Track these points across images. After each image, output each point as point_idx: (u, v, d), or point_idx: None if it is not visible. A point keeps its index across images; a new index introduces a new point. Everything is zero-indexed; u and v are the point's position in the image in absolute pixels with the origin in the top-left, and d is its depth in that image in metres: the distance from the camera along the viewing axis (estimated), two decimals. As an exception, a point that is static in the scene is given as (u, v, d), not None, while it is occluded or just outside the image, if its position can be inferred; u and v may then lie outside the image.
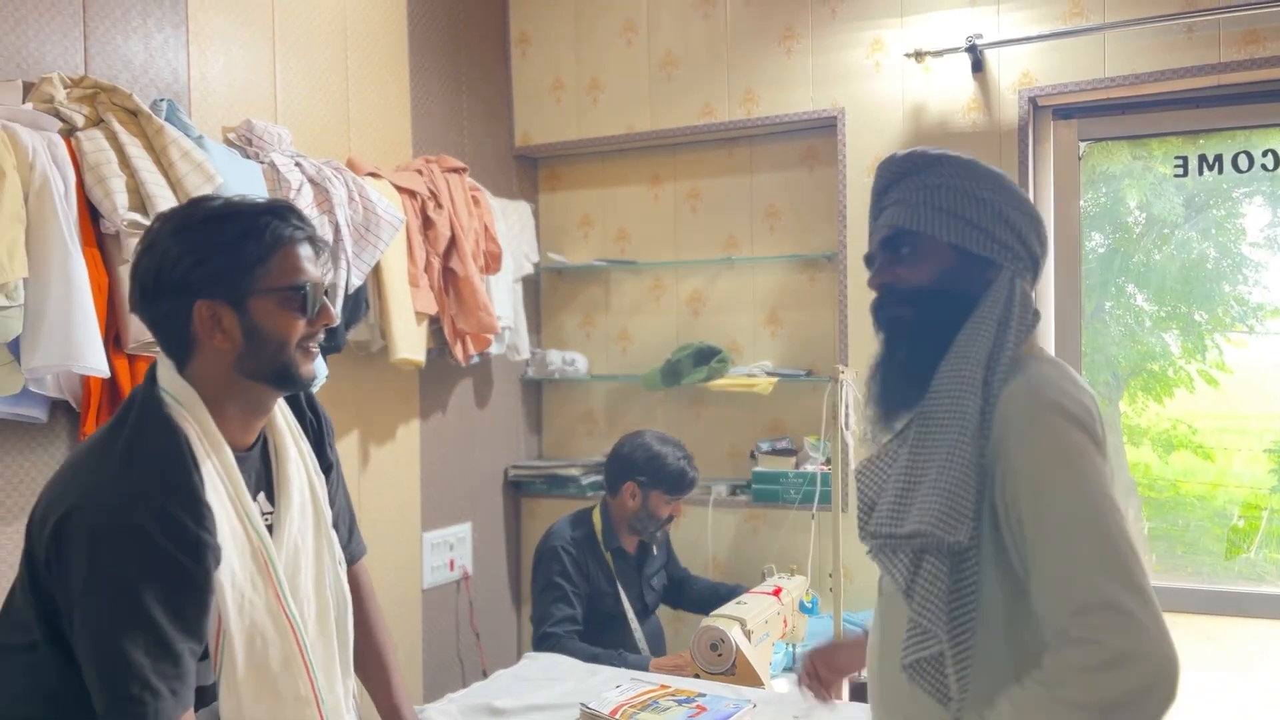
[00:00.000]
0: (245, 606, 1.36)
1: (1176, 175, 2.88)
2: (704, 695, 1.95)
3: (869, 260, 1.43)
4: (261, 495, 1.46)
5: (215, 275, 1.34)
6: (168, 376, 1.38)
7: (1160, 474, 3.29)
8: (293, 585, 1.45)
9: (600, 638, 2.69)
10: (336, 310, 1.40)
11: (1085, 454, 1.23)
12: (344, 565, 1.59)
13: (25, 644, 1.32)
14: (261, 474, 1.48)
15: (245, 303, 1.35)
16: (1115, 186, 3.03)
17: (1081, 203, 2.98)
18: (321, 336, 1.43)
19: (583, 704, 1.87)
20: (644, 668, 2.47)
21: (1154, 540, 3.28)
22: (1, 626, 1.38)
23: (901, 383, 1.36)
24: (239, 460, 1.41)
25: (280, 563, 1.43)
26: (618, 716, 1.83)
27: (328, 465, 1.61)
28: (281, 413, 1.53)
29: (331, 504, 1.60)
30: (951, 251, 1.35)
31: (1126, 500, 2.94)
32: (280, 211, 1.39)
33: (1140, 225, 3.08)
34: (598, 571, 2.80)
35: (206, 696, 1.37)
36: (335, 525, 1.59)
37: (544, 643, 2.60)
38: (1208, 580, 3.00)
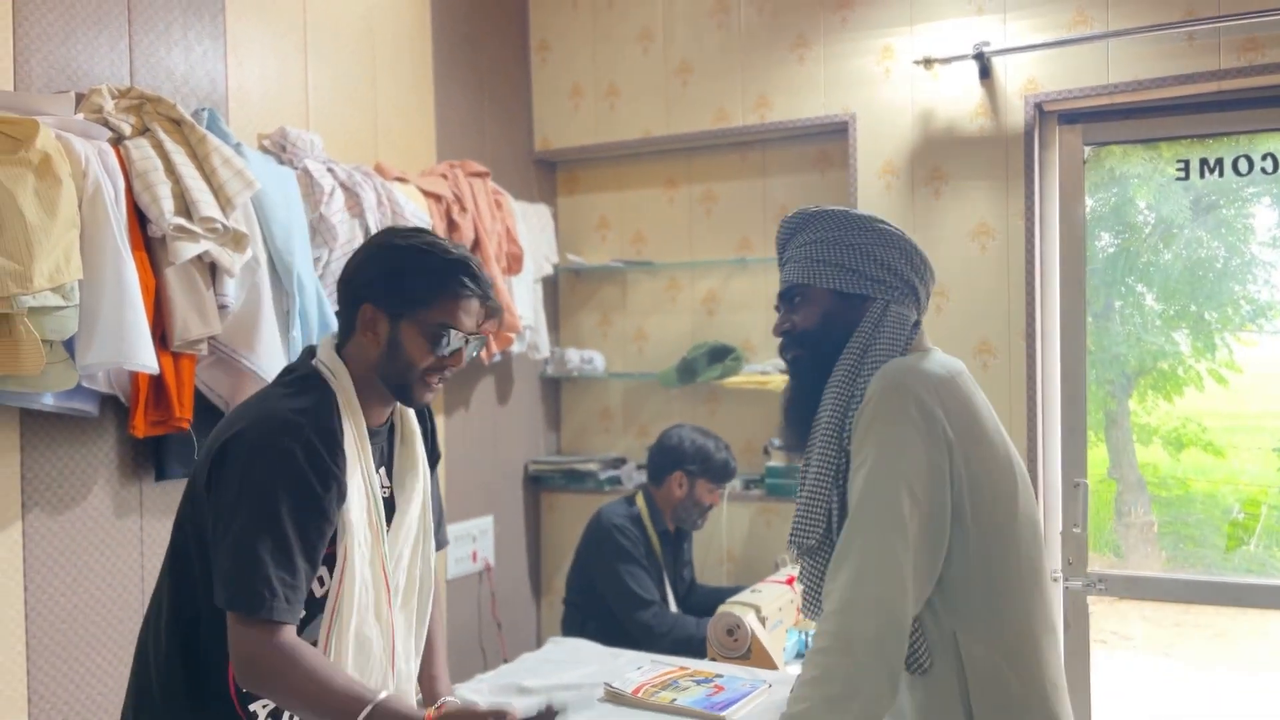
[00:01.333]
0: (360, 555, 1.55)
1: (1178, 178, 2.96)
2: (721, 676, 2.04)
3: (776, 308, 1.72)
4: (383, 470, 1.66)
5: (388, 291, 1.58)
6: (326, 351, 1.62)
7: (1170, 472, 3.35)
8: (395, 556, 1.65)
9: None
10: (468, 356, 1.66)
11: (900, 437, 1.47)
12: (435, 553, 1.78)
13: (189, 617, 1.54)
14: (386, 452, 1.69)
15: (399, 321, 1.58)
16: (1125, 187, 3.11)
17: (1091, 202, 3.06)
18: (447, 375, 1.63)
19: (606, 683, 1.97)
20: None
21: (1164, 536, 3.35)
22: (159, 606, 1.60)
23: (805, 411, 1.64)
24: (370, 434, 1.62)
25: (388, 533, 1.63)
26: (640, 694, 1.93)
27: (435, 458, 1.82)
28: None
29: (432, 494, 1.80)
30: (831, 295, 1.63)
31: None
32: (467, 268, 1.59)
33: (1149, 225, 3.15)
34: (648, 553, 2.97)
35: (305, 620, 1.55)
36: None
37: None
38: (1210, 572, 3.08)
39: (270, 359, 2.35)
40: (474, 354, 1.65)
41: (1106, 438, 3.40)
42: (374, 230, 2.65)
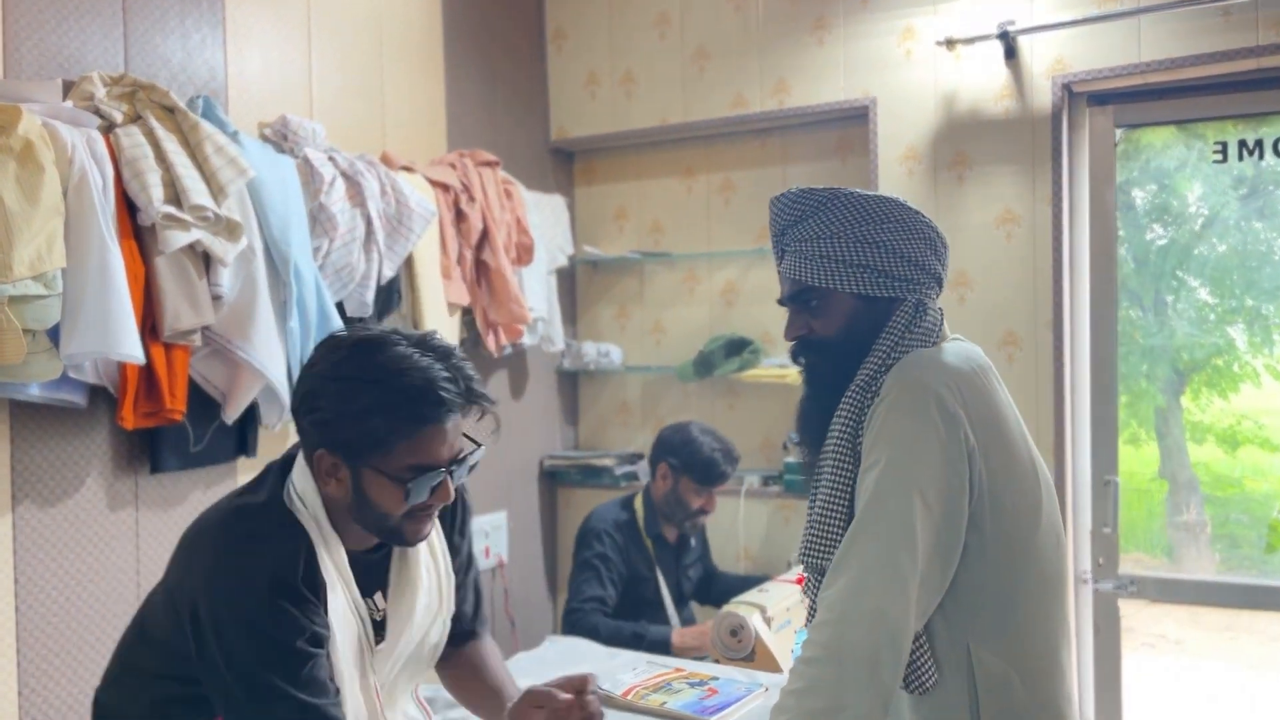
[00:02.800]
0: (349, 686, 1.44)
1: (1215, 161, 2.82)
2: (717, 679, 1.97)
3: (782, 303, 1.58)
4: (378, 595, 1.51)
5: (340, 438, 1.35)
6: (301, 475, 1.42)
7: (1225, 471, 3.21)
8: (388, 673, 1.55)
9: (638, 622, 2.72)
10: (453, 488, 1.42)
11: (917, 439, 1.35)
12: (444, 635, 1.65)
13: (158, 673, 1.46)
14: (381, 574, 1.52)
15: (359, 470, 1.36)
16: (1169, 175, 2.97)
17: (1138, 194, 2.92)
18: (436, 509, 1.42)
19: (596, 685, 1.90)
20: (667, 638, 2.52)
21: (1217, 538, 3.20)
22: (137, 647, 1.52)
23: (822, 423, 1.49)
24: (360, 558, 1.47)
25: (375, 657, 1.50)
26: (630, 697, 1.86)
27: (453, 548, 1.64)
28: None
29: (459, 589, 1.65)
30: (856, 300, 1.47)
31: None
32: (431, 391, 1.32)
33: (1201, 218, 3.01)
34: (638, 556, 2.85)
35: None
36: (460, 608, 1.66)
37: (568, 618, 2.66)
38: (1255, 575, 2.93)
39: (267, 350, 2.31)
40: (469, 473, 1.43)
41: (1157, 436, 3.26)
42: (377, 219, 2.61)
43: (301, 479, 1.42)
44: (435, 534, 1.59)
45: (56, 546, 2.13)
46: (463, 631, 1.70)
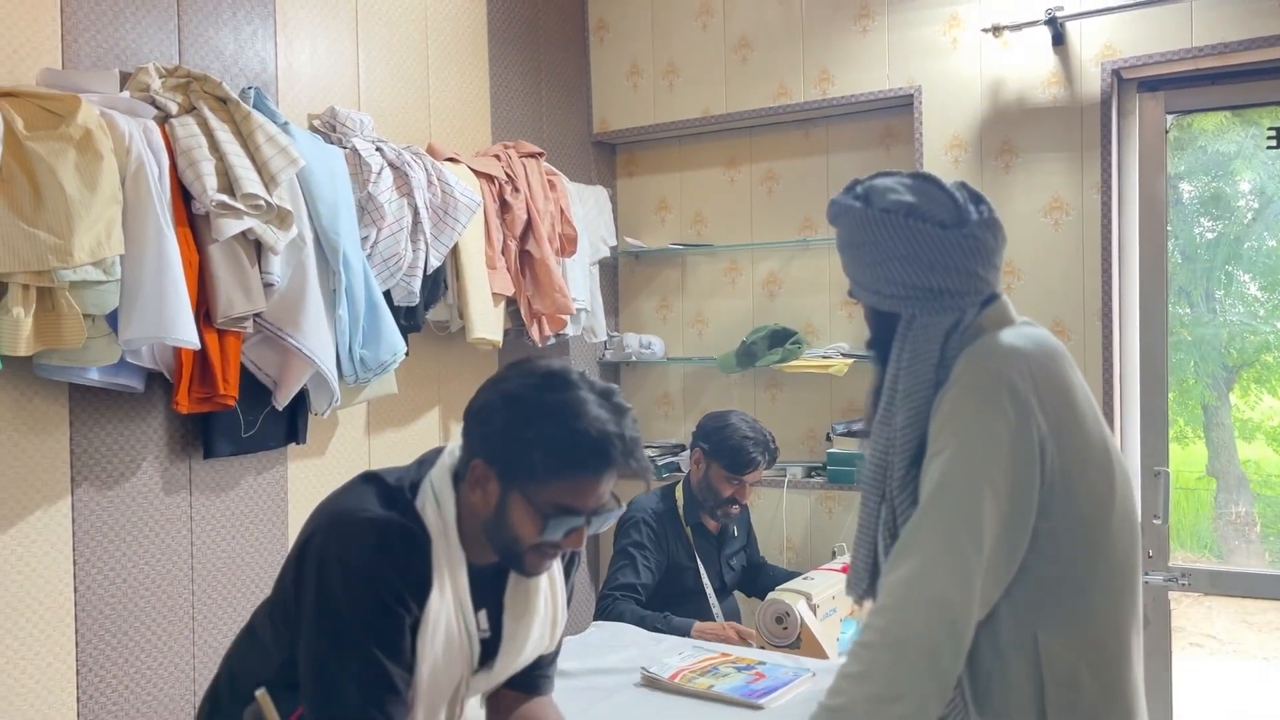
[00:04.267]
0: (429, 696, 1.42)
1: (1269, 147, 2.77)
2: (764, 664, 1.97)
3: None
4: (483, 613, 1.48)
5: (501, 455, 1.37)
6: (443, 478, 1.44)
7: (1275, 469, 3.16)
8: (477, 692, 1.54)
9: (679, 612, 2.72)
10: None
11: (987, 428, 1.33)
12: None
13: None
14: (495, 592, 1.50)
15: (510, 489, 1.37)
16: (1222, 166, 2.92)
17: (1188, 187, 2.88)
18: (563, 551, 1.43)
19: (643, 668, 1.91)
20: (687, 630, 2.52)
21: (1267, 535, 3.15)
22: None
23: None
24: (476, 572, 1.45)
25: (477, 679, 1.50)
26: (677, 680, 1.86)
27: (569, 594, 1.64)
28: None
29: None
30: (869, 310, 1.50)
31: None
32: (606, 450, 1.34)
33: (1252, 210, 2.96)
34: (677, 545, 2.85)
35: None
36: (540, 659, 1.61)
37: (599, 605, 2.68)
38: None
39: (316, 338, 2.34)
40: (604, 526, 1.43)
41: (1205, 433, 3.21)
42: (424, 209, 2.63)
43: (441, 482, 1.43)
44: (558, 568, 1.58)
45: (114, 529, 2.18)
46: (533, 678, 1.62)
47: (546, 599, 1.54)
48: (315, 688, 1.35)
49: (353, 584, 1.34)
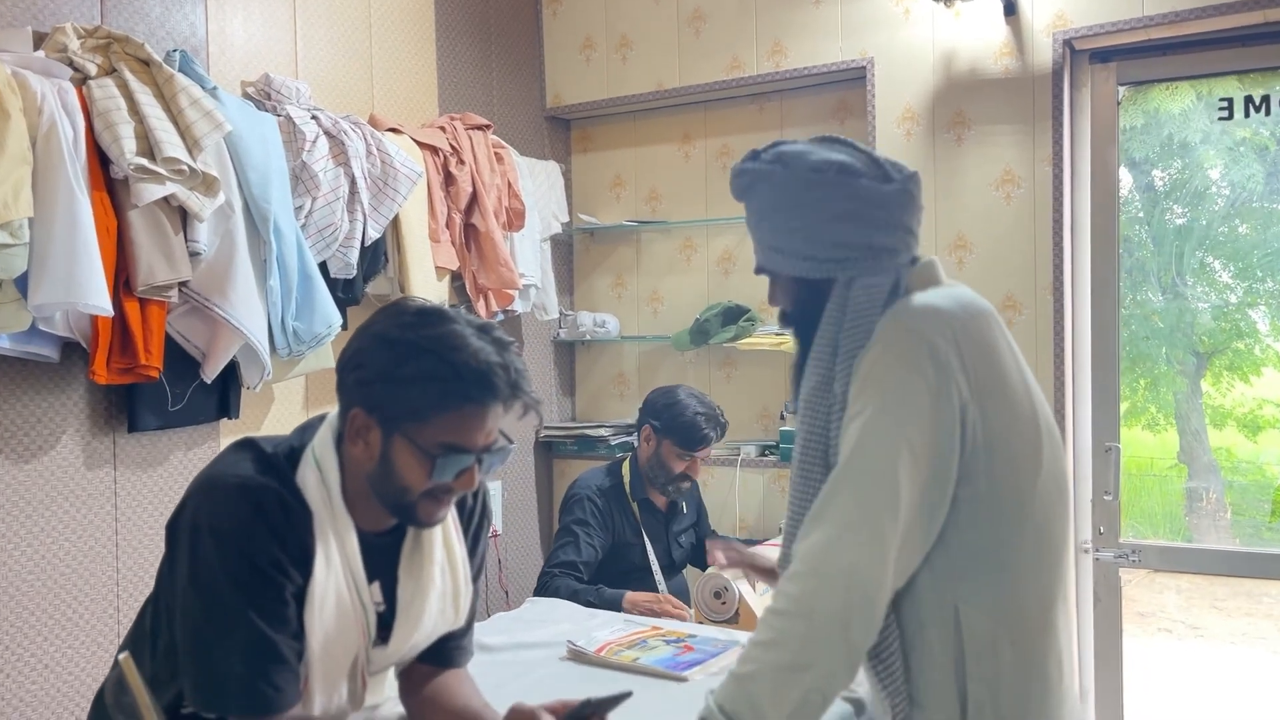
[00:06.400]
0: (321, 671, 1.36)
1: (1220, 118, 2.74)
2: (694, 636, 1.93)
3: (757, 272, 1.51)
4: (376, 584, 1.41)
5: (379, 399, 1.31)
6: (324, 441, 1.37)
7: (1247, 457, 3.14)
8: (382, 667, 1.48)
9: (625, 588, 2.68)
10: (478, 479, 1.35)
11: (906, 389, 1.30)
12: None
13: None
14: (387, 562, 1.42)
15: (392, 434, 1.30)
16: (1193, 155, 2.88)
17: (1160, 174, 2.84)
18: (456, 495, 1.36)
19: (570, 641, 1.87)
20: (618, 601, 2.49)
21: (1238, 523, 3.14)
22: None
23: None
24: (368, 540, 1.38)
25: (375, 656, 1.43)
26: (603, 654, 1.82)
27: (474, 549, 1.55)
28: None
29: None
30: (795, 281, 1.43)
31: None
32: (487, 379, 1.28)
33: (1222, 197, 2.93)
34: (624, 522, 2.81)
35: None
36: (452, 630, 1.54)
37: (539, 581, 2.65)
38: (1250, 544, 2.87)
39: (246, 308, 2.28)
40: (496, 465, 1.36)
41: (1176, 421, 3.19)
42: (361, 179, 2.57)
43: (323, 447, 1.37)
44: (457, 539, 1.50)
45: (32, 504, 2.11)
46: (445, 650, 1.54)
47: (444, 570, 1.47)
48: (195, 664, 1.28)
49: (226, 549, 1.27)
